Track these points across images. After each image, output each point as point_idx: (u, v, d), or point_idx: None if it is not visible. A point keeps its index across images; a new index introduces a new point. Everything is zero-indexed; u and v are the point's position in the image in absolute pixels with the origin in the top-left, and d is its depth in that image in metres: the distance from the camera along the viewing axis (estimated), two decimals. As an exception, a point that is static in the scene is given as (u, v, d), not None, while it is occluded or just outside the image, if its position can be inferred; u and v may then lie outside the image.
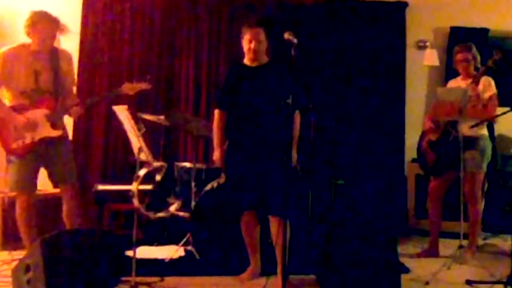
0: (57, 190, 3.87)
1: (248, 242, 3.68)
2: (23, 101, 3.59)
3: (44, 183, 3.91)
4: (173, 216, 4.40)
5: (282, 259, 3.37)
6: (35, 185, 3.70)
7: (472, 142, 4.15)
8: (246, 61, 3.63)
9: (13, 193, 3.83)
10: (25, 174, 3.60)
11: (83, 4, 5.36)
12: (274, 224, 3.45)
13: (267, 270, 3.62)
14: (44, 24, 3.58)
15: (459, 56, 4.30)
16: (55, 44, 3.77)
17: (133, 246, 3.33)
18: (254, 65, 3.60)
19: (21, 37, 3.72)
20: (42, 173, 3.75)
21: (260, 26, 3.52)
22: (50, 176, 3.75)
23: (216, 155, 3.64)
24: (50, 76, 3.64)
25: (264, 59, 3.62)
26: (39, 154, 3.62)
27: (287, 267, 3.23)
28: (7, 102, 3.63)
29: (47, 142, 3.62)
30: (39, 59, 3.63)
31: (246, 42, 3.55)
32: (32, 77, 3.60)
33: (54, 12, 3.69)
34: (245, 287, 3.55)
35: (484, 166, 4.27)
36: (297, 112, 3.56)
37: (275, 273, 3.54)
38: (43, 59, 3.64)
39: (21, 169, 3.59)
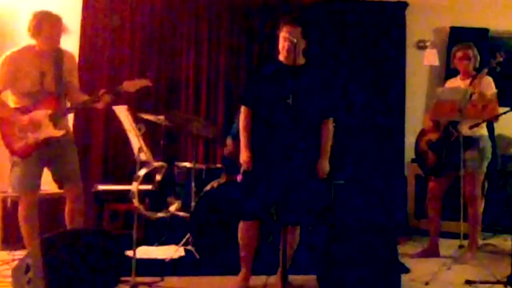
0: (59, 190, 3.86)
1: (244, 251, 3.48)
2: (27, 102, 3.59)
3: (46, 183, 3.91)
4: (173, 216, 4.40)
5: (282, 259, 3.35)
6: (38, 185, 3.70)
7: (472, 142, 4.15)
8: (281, 58, 3.41)
9: (16, 193, 3.84)
10: (29, 174, 3.60)
11: (83, 4, 5.36)
12: (290, 231, 3.34)
13: (267, 270, 3.61)
14: (50, 23, 3.56)
15: (459, 54, 4.30)
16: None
17: (133, 246, 3.33)
18: (289, 63, 3.31)
19: (21, 37, 3.72)
20: (44, 173, 3.75)
21: (297, 25, 3.31)
22: (54, 176, 3.75)
23: (245, 156, 3.38)
24: (54, 77, 3.64)
25: (301, 59, 3.41)
26: (43, 154, 3.62)
27: (286, 267, 3.22)
28: (12, 103, 3.63)
29: (51, 142, 3.61)
30: (45, 61, 3.62)
31: (282, 39, 3.34)
32: (38, 79, 3.59)
33: (54, 12, 3.68)
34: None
35: (484, 166, 4.28)
36: (330, 120, 3.44)
37: (275, 273, 3.54)
38: (48, 61, 3.64)
39: (24, 169, 3.58)
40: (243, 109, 3.45)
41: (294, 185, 3.18)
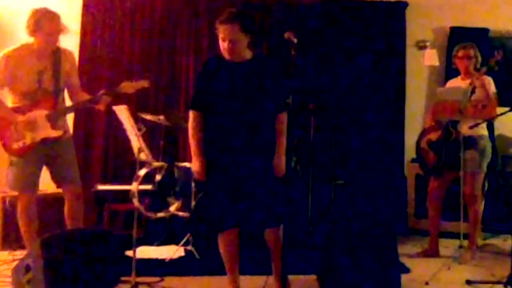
0: (58, 190, 3.86)
1: (228, 260, 3.30)
2: (25, 102, 3.58)
3: (45, 183, 3.91)
4: (173, 216, 4.40)
5: (279, 263, 3.27)
6: (36, 185, 3.69)
7: (472, 142, 4.15)
8: (226, 56, 3.17)
9: (15, 193, 3.83)
10: (27, 174, 3.60)
11: (83, 4, 5.36)
12: (269, 234, 3.27)
13: (267, 270, 3.61)
14: (49, 20, 3.54)
15: (460, 53, 4.31)
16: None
17: (133, 246, 3.33)
18: (235, 60, 3.16)
19: (21, 37, 3.71)
20: (44, 173, 3.75)
21: (234, 22, 3.05)
22: (53, 176, 3.75)
23: (197, 165, 3.16)
24: (52, 76, 3.63)
25: (247, 54, 3.19)
26: (41, 154, 3.62)
27: (286, 267, 3.21)
28: (10, 103, 3.62)
29: (49, 142, 3.61)
30: (42, 59, 3.61)
31: (220, 41, 3.13)
32: (35, 78, 3.58)
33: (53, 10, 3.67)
34: (244, 287, 3.54)
35: (484, 166, 4.28)
36: (284, 113, 3.18)
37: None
38: (46, 59, 3.62)
39: (22, 169, 3.58)
40: (191, 114, 3.21)
41: (255, 187, 3.10)
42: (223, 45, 3.13)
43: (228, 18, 3.08)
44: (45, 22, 3.53)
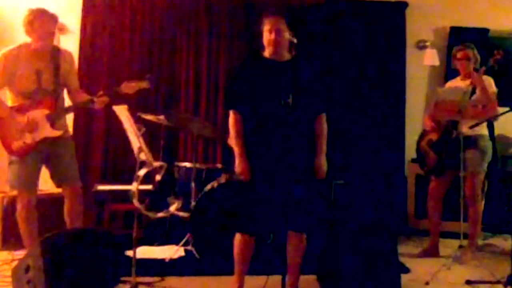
0: (58, 190, 3.86)
1: (239, 261, 3.30)
2: (24, 102, 3.58)
3: (45, 183, 3.91)
4: (173, 216, 4.40)
5: (297, 271, 3.30)
6: (36, 184, 3.69)
7: (472, 142, 4.15)
8: (266, 53, 3.22)
9: (14, 193, 3.83)
10: (26, 173, 3.60)
11: (83, 4, 5.36)
12: (293, 240, 3.25)
13: (267, 270, 3.61)
14: (42, 21, 3.54)
15: (459, 54, 4.31)
16: (56, 43, 3.76)
17: (133, 246, 3.33)
18: (275, 59, 3.19)
19: (21, 37, 3.71)
20: (44, 173, 3.75)
21: (280, 14, 3.17)
22: (52, 176, 3.75)
23: (241, 166, 3.14)
24: (51, 76, 3.64)
25: (286, 55, 3.22)
26: (41, 153, 3.62)
27: (287, 268, 3.22)
28: (10, 102, 3.63)
29: (49, 142, 3.61)
30: (41, 59, 3.62)
31: (266, 33, 3.16)
32: (34, 77, 3.58)
33: (54, 12, 3.68)
34: (245, 287, 3.55)
35: (484, 166, 4.28)
36: (324, 115, 3.24)
37: (275, 273, 3.53)
38: (45, 59, 3.63)
39: (22, 168, 3.58)
40: (232, 114, 3.20)
41: (295, 191, 3.06)
42: (269, 37, 3.16)
43: (275, 11, 3.26)
44: (38, 23, 3.53)
